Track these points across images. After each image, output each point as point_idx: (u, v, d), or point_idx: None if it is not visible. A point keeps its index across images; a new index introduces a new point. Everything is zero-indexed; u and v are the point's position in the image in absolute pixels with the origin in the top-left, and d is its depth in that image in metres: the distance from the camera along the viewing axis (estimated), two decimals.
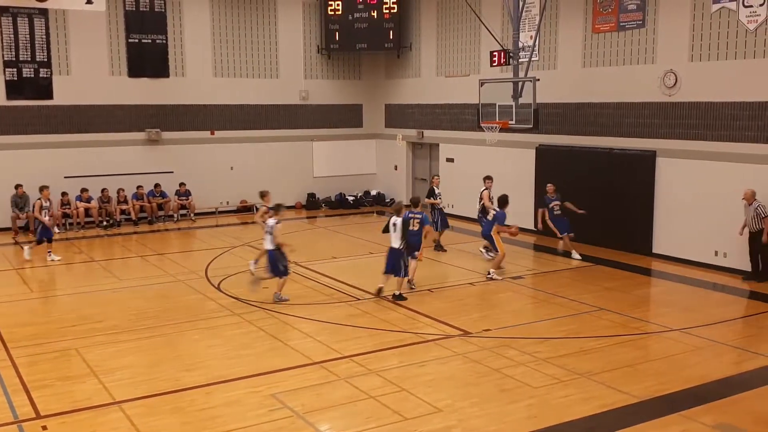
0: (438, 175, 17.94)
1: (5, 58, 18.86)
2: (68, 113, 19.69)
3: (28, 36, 19.07)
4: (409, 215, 12.59)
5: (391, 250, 12.31)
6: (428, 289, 13.10)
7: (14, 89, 19.02)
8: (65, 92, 19.57)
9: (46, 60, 19.31)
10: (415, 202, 13.24)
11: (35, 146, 19.23)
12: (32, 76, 19.23)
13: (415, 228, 12.58)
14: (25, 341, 10.33)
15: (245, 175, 21.86)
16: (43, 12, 18.99)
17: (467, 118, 19.77)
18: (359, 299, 12.49)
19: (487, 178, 15.78)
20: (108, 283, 13.80)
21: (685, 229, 14.83)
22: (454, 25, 20.55)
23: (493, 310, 11.85)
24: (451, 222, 17.51)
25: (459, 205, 20.55)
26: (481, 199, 15.66)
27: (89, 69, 19.80)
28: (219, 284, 13.51)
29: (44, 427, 7.55)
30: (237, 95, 21.84)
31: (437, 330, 10.75)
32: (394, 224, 12.29)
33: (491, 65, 17.25)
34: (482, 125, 16.85)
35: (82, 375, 9.02)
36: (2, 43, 18.79)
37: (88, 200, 19.60)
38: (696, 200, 14.59)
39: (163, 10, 20.64)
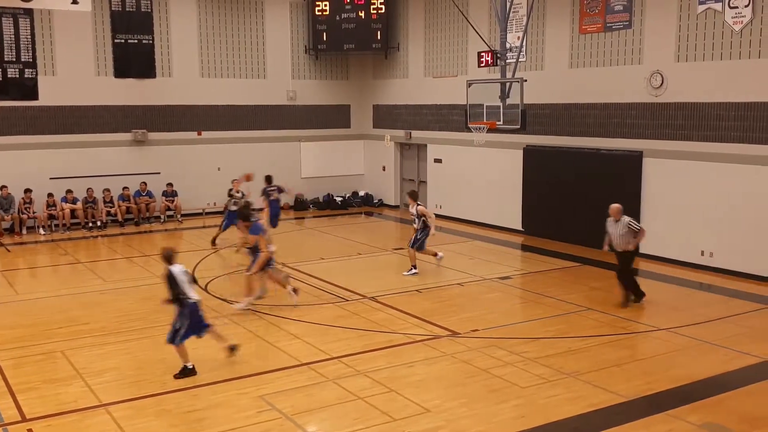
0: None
1: None
2: (54, 114, 19.55)
3: (13, 36, 18.91)
4: None
5: None
6: (416, 290, 13.11)
7: (0, 90, 18.90)
8: (51, 93, 19.42)
9: (31, 60, 19.16)
10: None
11: (20, 147, 19.07)
12: (17, 76, 19.07)
13: None
14: (10, 344, 10.24)
15: (233, 176, 21.74)
16: (29, 12, 18.84)
17: (455, 118, 19.80)
18: (347, 300, 12.47)
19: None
20: (94, 285, 13.71)
21: (672, 229, 14.91)
22: (442, 25, 20.57)
23: (481, 311, 11.86)
24: (438, 223, 17.48)
25: (447, 207, 20.58)
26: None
27: (75, 69, 19.66)
28: (206, 286, 13.45)
29: (29, 431, 7.49)
30: (224, 96, 21.76)
31: (425, 330, 10.75)
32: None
33: (479, 66, 17.29)
34: (470, 126, 16.87)
35: (68, 377, 8.96)
36: None
37: (74, 201, 19.46)
38: (682, 200, 14.67)
39: (149, 10, 20.53)
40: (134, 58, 20.43)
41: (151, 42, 20.62)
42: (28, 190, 18.89)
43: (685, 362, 9.46)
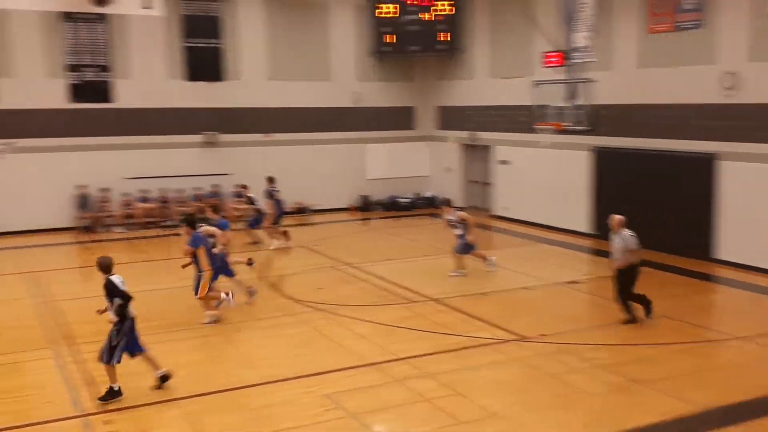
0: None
1: (69, 63, 19.48)
2: (128, 116, 20.22)
3: (90, 41, 19.65)
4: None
5: None
6: (482, 293, 13.04)
7: (78, 93, 19.64)
8: (126, 95, 20.11)
9: (107, 64, 19.89)
10: None
11: (97, 148, 19.79)
12: (94, 79, 19.83)
13: None
14: (91, 337, 10.62)
15: (299, 178, 22.09)
16: (105, 17, 19.55)
17: (521, 119, 19.60)
18: (413, 302, 12.50)
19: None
20: (168, 282, 14.10)
21: (749, 234, 14.39)
22: (508, 26, 20.39)
23: (549, 315, 11.71)
24: (504, 225, 17.38)
25: (513, 209, 20.39)
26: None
27: (148, 73, 20.31)
28: (275, 284, 13.69)
29: (107, 422, 7.78)
30: (290, 98, 22.08)
31: (492, 334, 10.69)
32: None
33: (545, 66, 17.07)
34: (536, 127, 16.69)
35: (143, 371, 9.25)
36: (66, 47, 19.41)
37: (148, 201, 20.10)
38: (759, 204, 14.15)
39: (218, 15, 21.03)
40: (204, 62, 20.95)
41: (220, 46, 21.12)
42: (105, 189, 19.61)
43: (761, 373, 9.15)
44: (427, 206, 23.66)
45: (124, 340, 8.35)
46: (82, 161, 19.60)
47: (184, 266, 11.67)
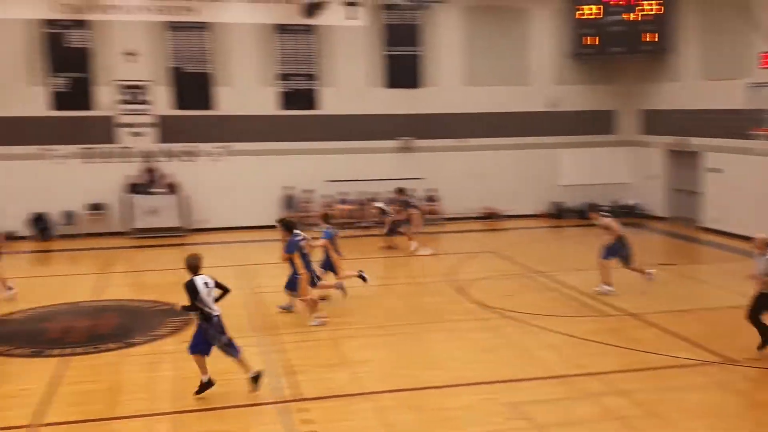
0: None
1: (280, 72, 20.93)
2: (331, 122, 21.31)
3: (299, 51, 20.97)
4: None
5: None
6: (684, 310, 12.18)
7: (287, 100, 21.06)
8: (329, 103, 21.22)
9: (314, 73, 21.11)
10: None
11: (302, 152, 21.06)
12: (302, 88, 21.13)
13: None
14: (293, 328, 11.32)
15: (490, 182, 22.01)
16: (313, 28, 20.76)
17: (734, 124, 18.05)
18: (607, 315, 11.96)
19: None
20: (357, 281, 14.61)
21: None
22: (720, 25, 18.86)
23: (759, 338, 10.67)
24: (714, 238, 16.06)
25: (729, 221, 18.77)
26: None
27: (350, 81, 21.26)
28: (462, 288, 13.74)
29: (302, 410, 8.24)
30: (486, 103, 22.06)
31: (693, 354, 9.95)
32: None
33: (763, 67, 15.58)
34: (751, 133, 15.30)
35: (337, 364, 9.69)
36: (278, 58, 20.86)
37: (347, 203, 21.06)
38: None
39: (418, 23, 21.54)
40: (403, 69, 21.56)
41: (419, 53, 21.61)
42: (308, 191, 20.84)
43: None
44: (626, 215, 22.53)
45: (209, 334, 8.47)
46: (289, 164, 20.93)
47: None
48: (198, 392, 8.58)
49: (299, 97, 21.12)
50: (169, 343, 10.69)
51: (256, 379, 8.66)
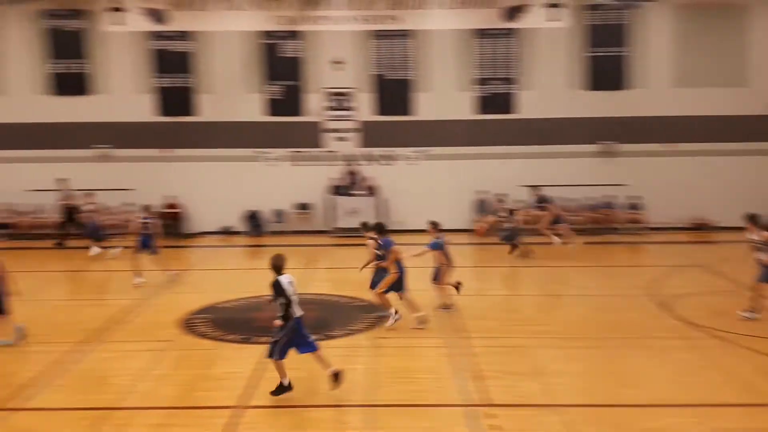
0: None
1: (478, 77, 20.97)
2: (528, 126, 20.98)
3: (498, 55, 20.88)
4: None
5: None
6: None
7: (483, 104, 21.05)
8: (527, 106, 20.91)
9: (512, 76, 20.91)
10: None
11: (496, 156, 20.94)
12: (499, 92, 21.02)
13: None
14: (484, 332, 11.29)
15: (700, 191, 20.48)
16: (513, 32, 20.57)
17: None
18: None
19: None
20: (552, 290, 14.29)
21: None
22: None
23: None
24: None
25: None
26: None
27: (549, 84, 20.81)
28: (665, 304, 12.91)
29: (490, 416, 8.17)
30: (697, 106, 20.57)
31: None
32: None
33: None
34: None
35: (528, 373, 9.50)
36: (476, 62, 20.92)
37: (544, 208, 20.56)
38: None
39: (624, 23, 20.58)
40: (606, 71, 20.71)
41: (624, 54, 20.65)
42: (501, 195, 20.60)
43: None
44: None
45: (287, 338, 8.54)
46: (483, 168, 20.92)
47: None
48: (276, 392, 8.66)
49: (496, 101, 21.05)
50: (364, 338, 11.10)
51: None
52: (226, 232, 21.25)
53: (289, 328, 8.56)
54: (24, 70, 20.80)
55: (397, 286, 11.56)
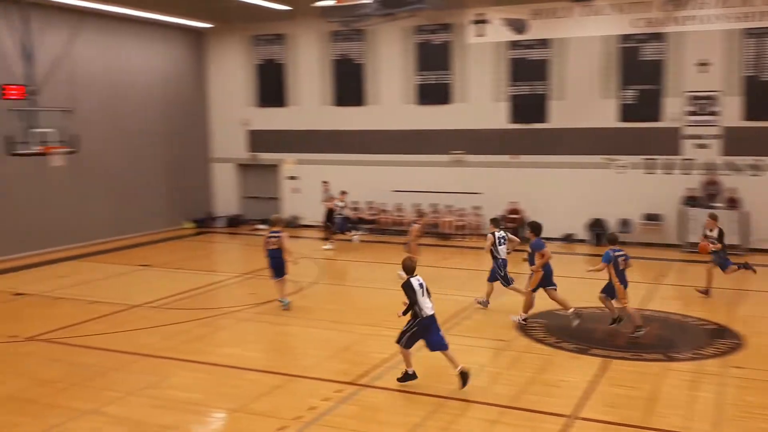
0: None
1: None
2: None
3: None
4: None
5: None
6: None
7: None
8: None
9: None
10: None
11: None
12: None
13: None
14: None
15: None
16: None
17: None
18: None
19: None
20: None
21: None
22: None
23: None
24: None
25: None
26: None
27: None
28: None
29: None
30: None
31: None
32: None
33: None
34: None
35: None
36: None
37: None
38: None
39: None
40: None
41: None
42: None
43: None
44: None
45: (413, 331, 9.14)
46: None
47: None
48: (401, 379, 9.33)
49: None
50: (714, 365, 10.15)
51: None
52: (568, 239, 21.05)
53: (417, 324, 9.15)
54: (395, 82, 23.02)
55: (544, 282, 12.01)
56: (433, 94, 22.50)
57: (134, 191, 21.84)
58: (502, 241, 13.19)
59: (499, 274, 13.14)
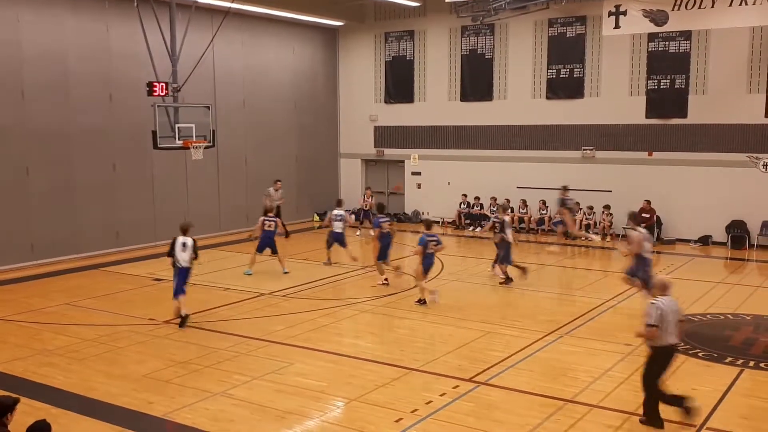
0: None
1: None
2: None
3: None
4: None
5: None
6: None
7: None
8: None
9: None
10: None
11: None
12: None
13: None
14: None
15: None
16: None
17: None
18: None
19: None
20: None
21: None
22: None
23: None
24: None
25: None
26: None
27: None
28: None
29: None
30: None
31: None
32: None
33: None
34: None
35: None
36: None
37: None
38: None
39: None
40: None
41: None
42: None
43: None
44: None
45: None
46: None
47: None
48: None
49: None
50: None
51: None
52: (704, 241, 19.88)
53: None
54: (524, 76, 22.59)
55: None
56: (564, 88, 21.93)
57: (267, 184, 22.69)
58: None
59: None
